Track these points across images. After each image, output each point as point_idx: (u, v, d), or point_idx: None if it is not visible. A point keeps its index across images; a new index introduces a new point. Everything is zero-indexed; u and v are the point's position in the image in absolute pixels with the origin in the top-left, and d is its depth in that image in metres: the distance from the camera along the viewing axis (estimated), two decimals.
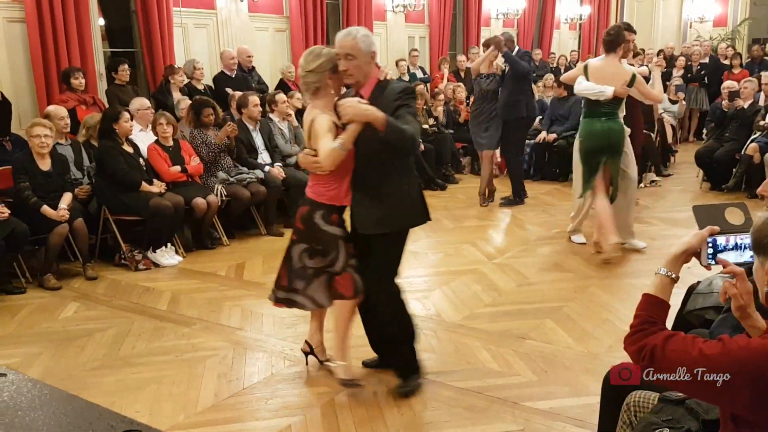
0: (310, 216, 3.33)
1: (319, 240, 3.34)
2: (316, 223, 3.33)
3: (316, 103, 3.28)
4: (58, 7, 6.62)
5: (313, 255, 3.38)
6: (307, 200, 3.36)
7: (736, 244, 1.79)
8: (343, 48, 3.20)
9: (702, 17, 16.36)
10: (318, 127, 3.18)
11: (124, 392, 3.52)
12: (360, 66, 3.21)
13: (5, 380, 1.54)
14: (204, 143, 6.37)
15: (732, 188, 7.96)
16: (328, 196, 3.32)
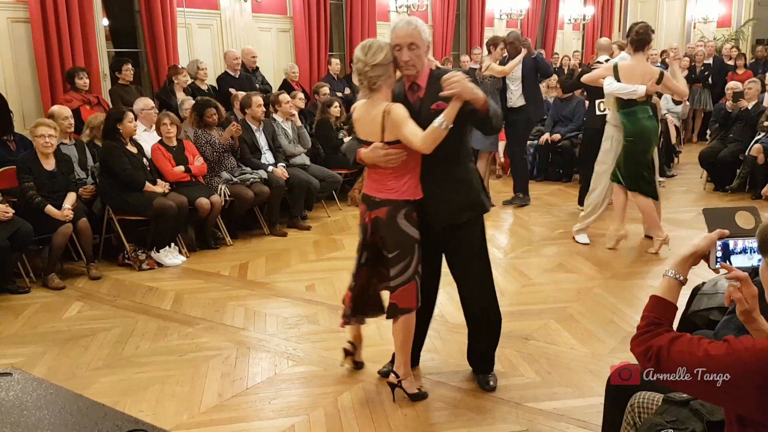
0: (392, 217, 3.16)
1: (397, 244, 3.19)
2: (398, 224, 3.17)
3: (378, 97, 3.10)
4: (63, 7, 6.63)
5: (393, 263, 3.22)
6: (383, 201, 3.17)
7: (746, 248, 1.78)
8: (407, 37, 3.07)
9: (706, 18, 16.32)
10: (397, 116, 3.02)
11: (127, 392, 3.53)
12: (421, 56, 3.11)
13: (11, 379, 1.55)
14: (208, 143, 6.37)
15: (736, 189, 7.94)
16: (407, 192, 3.16)
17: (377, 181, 3.21)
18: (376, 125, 3.09)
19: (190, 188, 6.08)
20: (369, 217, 3.23)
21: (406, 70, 3.12)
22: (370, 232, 3.24)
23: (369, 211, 3.23)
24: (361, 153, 3.17)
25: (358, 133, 3.25)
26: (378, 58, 3.03)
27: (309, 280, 5.24)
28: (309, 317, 4.51)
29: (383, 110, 3.06)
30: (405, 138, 3.04)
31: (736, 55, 12.21)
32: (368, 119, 3.14)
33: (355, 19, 10.03)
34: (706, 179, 8.49)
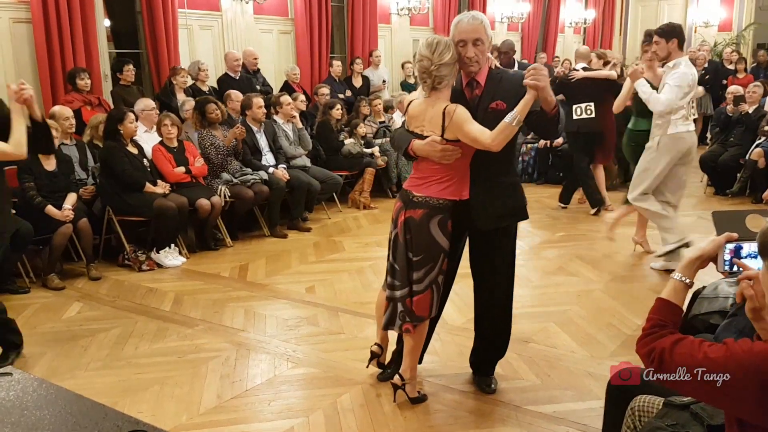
0: (426, 222, 3.11)
1: (424, 248, 3.14)
2: (429, 230, 3.12)
3: (439, 95, 3.05)
4: (64, 8, 6.63)
5: (418, 267, 3.17)
6: (421, 202, 3.11)
7: (753, 252, 1.78)
8: (473, 32, 3.00)
9: (707, 22, 16.33)
10: (461, 117, 2.95)
11: (126, 393, 3.52)
12: (485, 52, 3.06)
13: (11, 379, 1.55)
14: (213, 145, 6.38)
15: (736, 193, 7.95)
16: (449, 191, 3.11)
17: (422, 178, 3.15)
18: (436, 124, 3.04)
19: (191, 189, 6.08)
20: (404, 216, 3.16)
21: (469, 66, 3.05)
22: (401, 230, 3.18)
23: (405, 209, 3.15)
24: (415, 144, 3.08)
25: (414, 127, 3.16)
26: (445, 58, 2.97)
27: (309, 282, 5.24)
28: (309, 319, 4.51)
29: (444, 109, 3.01)
30: (471, 136, 2.96)
31: (737, 59, 12.21)
32: (426, 116, 3.09)
33: (357, 21, 10.04)
34: (707, 183, 8.49)
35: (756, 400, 1.54)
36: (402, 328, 3.26)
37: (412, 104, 3.18)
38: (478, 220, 3.18)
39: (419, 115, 3.13)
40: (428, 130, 3.08)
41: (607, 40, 16.86)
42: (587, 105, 7.08)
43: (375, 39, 10.45)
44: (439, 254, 3.17)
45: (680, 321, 1.80)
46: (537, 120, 3.01)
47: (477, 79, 3.11)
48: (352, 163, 7.79)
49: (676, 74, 4.95)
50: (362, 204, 7.80)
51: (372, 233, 6.65)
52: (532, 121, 3.02)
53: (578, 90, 7.14)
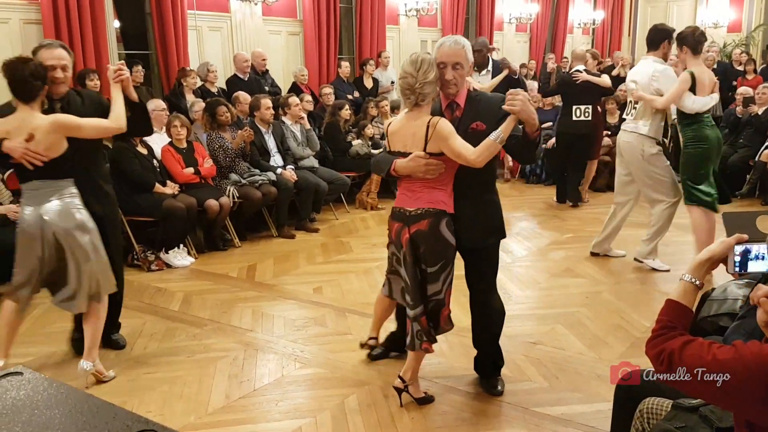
0: (435, 227, 3.11)
1: (440, 255, 3.16)
2: (441, 234, 3.13)
3: (422, 111, 3.11)
4: (74, 9, 6.67)
5: (433, 279, 3.19)
6: (423, 213, 3.13)
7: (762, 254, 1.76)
8: (454, 56, 3.11)
9: (716, 23, 16.26)
10: (444, 129, 3.02)
11: (135, 392, 3.54)
12: (464, 76, 3.18)
13: (22, 378, 1.56)
14: (221, 148, 6.39)
15: (745, 195, 7.91)
16: (442, 203, 3.14)
17: (410, 195, 3.18)
18: (419, 136, 3.08)
19: (199, 190, 6.10)
20: (408, 233, 3.15)
21: (447, 88, 3.15)
22: (407, 248, 3.17)
23: (407, 226, 3.15)
24: (398, 164, 3.13)
25: (394, 146, 3.21)
26: (429, 76, 3.04)
27: (317, 283, 5.25)
28: (316, 319, 4.52)
29: (427, 122, 3.06)
30: (456, 150, 3.02)
31: (746, 60, 12.15)
32: (408, 131, 3.13)
33: (365, 22, 10.05)
34: None
35: (764, 402, 1.54)
36: (422, 348, 3.27)
37: (392, 123, 3.26)
38: (465, 238, 3.25)
39: (400, 130, 3.19)
40: (411, 146, 3.12)
41: (616, 40, 16.82)
42: (586, 107, 7.37)
43: (383, 40, 10.46)
44: (453, 254, 3.23)
45: (689, 323, 1.79)
46: (517, 143, 3.08)
47: (457, 101, 3.21)
48: (360, 164, 7.79)
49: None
50: (369, 205, 7.81)
51: (379, 234, 6.65)
52: (512, 145, 3.09)
53: (580, 92, 7.38)
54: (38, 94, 3.40)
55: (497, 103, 3.08)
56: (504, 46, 13.69)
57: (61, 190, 3.48)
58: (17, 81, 3.35)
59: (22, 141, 3.32)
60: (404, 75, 3.07)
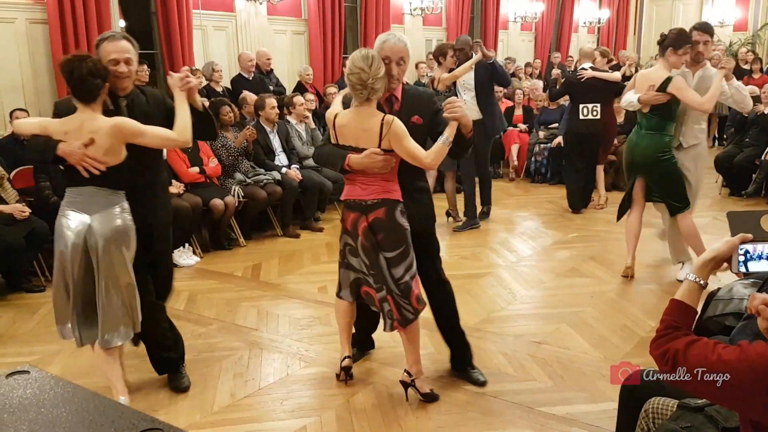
0: (392, 215, 3.23)
1: (398, 241, 3.25)
2: (397, 221, 3.25)
3: (368, 107, 3.18)
4: (80, 9, 6.70)
5: (396, 263, 3.25)
6: (379, 202, 3.23)
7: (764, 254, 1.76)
8: (399, 52, 3.23)
9: (722, 21, 16.20)
10: (399, 129, 3.12)
11: (141, 391, 3.55)
12: (404, 72, 3.30)
13: (28, 377, 1.56)
14: (224, 146, 6.41)
15: (751, 194, 7.88)
16: (395, 193, 3.27)
17: (364, 188, 3.27)
18: (373, 133, 3.16)
19: (205, 189, 6.12)
20: (366, 221, 3.25)
21: (390, 83, 3.26)
22: (363, 236, 3.26)
23: (364, 214, 3.25)
24: (352, 159, 3.20)
25: (343, 140, 3.26)
26: (381, 72, 3.13)
27: (321, 282, 5.25)
28: (321, 318, 4.52)
29: (381, 120, 3.14)
30: (409, 152, 3.17)
31: (752, 59, 12.11)
32: (359, 126, 3.20)
33: (370, 21, 10.05)
34: (722, 184, 8.42)
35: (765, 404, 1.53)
36: (393, 328, 3.34)
37: (340, 116, 3.27)
38: (418, 220, 3.37)
39: (350, 124, 3.23)
40: (364, 142, 3.19)
41: (622, 39, 16.78)
42: (594, 106, 7.08)
43: None
44: (409, 239, 3.31)
45: (694, 322, 1.79)
46: (454, 143, 3.24)
47: (395, 95, 3.31)
48: None
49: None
50: None
51: None
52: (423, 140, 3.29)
53: (586, 90, 7.12)
54: (98, 94, 3.13)
55: (429, 98, 3.38)
56: (509, 45, 13.68)
57: (114, 203, 3.19)
58: (75, 80, 3.08)
59: (80, 145, 3.05)
60: (356, 70, 3.10)
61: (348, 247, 3.38)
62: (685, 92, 4.72)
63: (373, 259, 3.27)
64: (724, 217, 1.92)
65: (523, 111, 9.85)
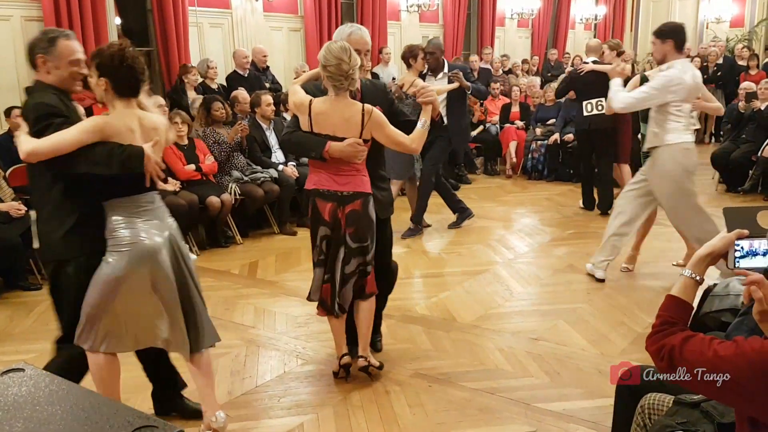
0: (366, 208, 3.36)
1: (367, 231, 3.39)
2: (370, 214, 3.38)
3: (343, 96, 3.26)
4: (75, 6, 6.67)
5: (356, 254, 3.41)
6: (355, 194, 3.34)
7: (761, 250, 1.76)
8: (364, 44, 3.44)
9: (719, 18, 16.22)
10: (381, 118, 3.28)
11: (137, 389, 3.54)
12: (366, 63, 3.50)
13: (23, 375, 1.56)
14: (216, 142, 6.40)
15: (748, 190, 7.89)
16: (367, 185, 3.38)
17: (337, 179, 3.33)
18: (354, 123, 3.24)
19: (201, 187, 6.11)
20: (343, 212, 3.33)
21: (363, 73, 3.44)
22: (344, 225, 3.35)
23: (341, 206, 3.33)
24: (334, 147, 3.24)
25: (321, 128, 3.28)
26: (357, 62, 3.22)
27: None
28: (318, 316, 4.51)
29: (362, 110, 3.23)
30: (392, 138, 3.32)
31: (749, 55, 12.12)
32: (339, 116, 3.26)
33: (366, 18, 10.03)
34: (718, 180, 8.44)
35: (763, 399, 1.53)
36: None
37: (316, 103, 3.30)
38: (382, 208, 3.53)
39: (327, 113, 3.27)
40: (343, 131, 3.26)
41: (618, 36, 16.76)
42: (598, 101, 6.76)
43: (384, 36, 10.44)
44: (374, 230, 3.44)
45: (690, 318, 1.79)
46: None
47: (357, 86, 3.40)
48: None
49: (661, 76, 4.60)
50: None
51: None
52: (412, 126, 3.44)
53: (588, 85, 6.87)
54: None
55: (384, 90, 3.65)
56: (506, 42, 13.67)
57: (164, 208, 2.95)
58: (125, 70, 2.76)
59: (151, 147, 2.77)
60: (337, 61, 3.16)
61: (326, 240, 3.42)
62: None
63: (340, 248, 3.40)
64: (720, 213, 1.92)
65: (520, 108, 9.86)
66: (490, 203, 7.86)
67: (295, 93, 3.40)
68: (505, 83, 10.69)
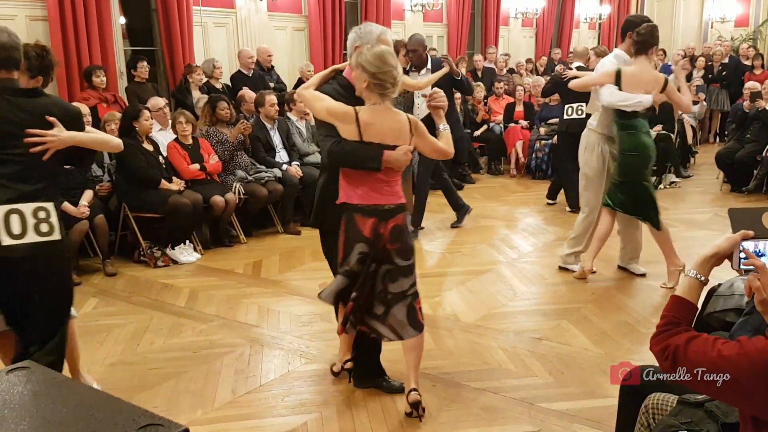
0: (406, 221, 3.15)
1: (411, 247, 3.19)
2: (408, 228, 3.19)
3: (388, 104, 3.07)
4: (80, 6, 6.69)
5: (406, 273, 3.16)
6: (398, 207, 3.12)
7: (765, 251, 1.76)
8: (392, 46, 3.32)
9: (723, 17, 16.18)
10: (423, 127, 3.13)
11: (141, 387, 3.56)
12: None
13: (29, 373, 1.57)
14: (219, 142, 6.41)
15: (753, 190, 7.88)
16: (403, 196, 3.20)
17: (379, 191, 3.09)
18: (405, 132, 3.07)
19: (205, 186, 6.12)
20: (386, 228, 3.08)
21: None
22: (387, 241, 3.09)
23: (384, 221, 3.07)
24: (389, 156, 3.01)
25: (370, 137, 3.02)
26: (401, 68, 3.07)
27: (322, 278, 5.23)
28: (322, 315, 4.52)
29: (407, 118, 3.10)
30: (434, 146, 3.18)
31: (754, 55, 12.09)
32: (388, 125, 3.05)
33: (370, 17, 10.03)
34: (723, 180, 8.42)
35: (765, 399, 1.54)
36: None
37: (363, 112, 3.02)
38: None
39: (375, 122, 3.03)
40: (393, 140, 3.04)
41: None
42: (579, 105, 6.90)
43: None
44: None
45: (694, 318, 1.79)
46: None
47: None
48: None
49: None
50: None
51: None
52: None
53: (571, 90, 6.70)
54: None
55: None
56: (510, 41, 13.65)
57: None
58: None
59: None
60: (388, 68, 2.97)
61: (361, 257, 3.09)
62: (677, 92, 4.80)
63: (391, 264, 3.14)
64: (725, 213, 1.92)
65: (524, 107, 9.85)
66: (494, 203, 7.85)
67: (321, 99, 3.09)
68: (509, 83, 10.69)
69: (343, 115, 3.03)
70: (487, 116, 9.84)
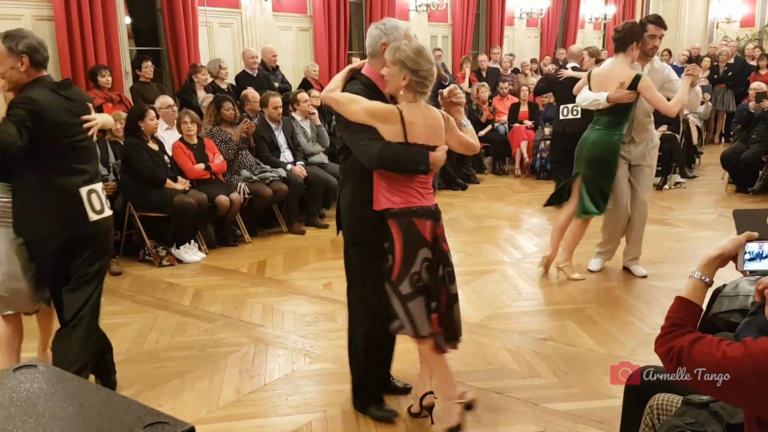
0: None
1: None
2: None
3: (423, 101, 2.95)
4: (86, 6, 6.71)
5: (454, 276, 3.07)
6: (438, 208, 3.02)
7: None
8: None
9: (729, 17, 16.13)
10: (454, 123, 3.03)
11: (146, 386, 3.57)
12: None
13: (36, 371, 1.57)
14: (223, 141, 6.43)
15: (758, 191, 7.85)
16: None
17: (423, 192, 2.96)
18: (441, 129, 2.97)
19: (210, 186, 6.13)
20: (441, 228, 2.99)
21: None
22: (443, 241, 2.99)
23: (437, 222, 2.97)
24: (433, 157, 2.90)
25: (414, 138, 2.88)
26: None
27: (326, 278, 5.26)
28: (326, 315, 4.53)
29: (442, 115, 2.99)
30: (463, 141, 3.08)
31: (759, 55, 12.05)
32: (428, 123, 2.93)
33: (375, 17, 10.03)
34: (728, 180, 8.40)
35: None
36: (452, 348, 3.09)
37: (406, 111, 2.88)
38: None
39: (418, 121, 2.91)
40: (433, 140, 2.93)
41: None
42: (574, 106, 6.92)
43: None
44: None
45: (699, 320, 1.79)
46: None
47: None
48: None
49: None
50: None
51: None
52: None
53: (566, 90, 6.82)
54: None
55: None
56: (515, 41, 13.64)
57: None
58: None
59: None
60: (430, 65, 2.87)
61: (426, 264, 2.91)
62: (653, 92, 4.64)
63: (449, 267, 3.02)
64: (730, 213, 1.92)
65: (529, 107, 9.84)
66: (498, 203, 7.85)
67: (356, 100, 2.90)
68: (513, 83, 10.68)
69: (387, 114, 2.87)
70: (492, 116, 9.83)
